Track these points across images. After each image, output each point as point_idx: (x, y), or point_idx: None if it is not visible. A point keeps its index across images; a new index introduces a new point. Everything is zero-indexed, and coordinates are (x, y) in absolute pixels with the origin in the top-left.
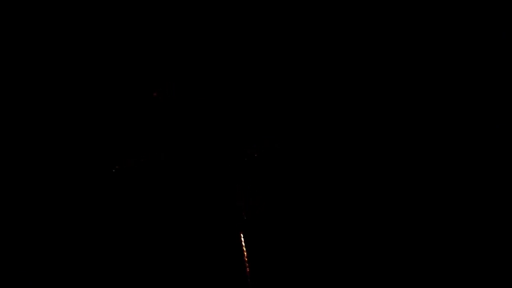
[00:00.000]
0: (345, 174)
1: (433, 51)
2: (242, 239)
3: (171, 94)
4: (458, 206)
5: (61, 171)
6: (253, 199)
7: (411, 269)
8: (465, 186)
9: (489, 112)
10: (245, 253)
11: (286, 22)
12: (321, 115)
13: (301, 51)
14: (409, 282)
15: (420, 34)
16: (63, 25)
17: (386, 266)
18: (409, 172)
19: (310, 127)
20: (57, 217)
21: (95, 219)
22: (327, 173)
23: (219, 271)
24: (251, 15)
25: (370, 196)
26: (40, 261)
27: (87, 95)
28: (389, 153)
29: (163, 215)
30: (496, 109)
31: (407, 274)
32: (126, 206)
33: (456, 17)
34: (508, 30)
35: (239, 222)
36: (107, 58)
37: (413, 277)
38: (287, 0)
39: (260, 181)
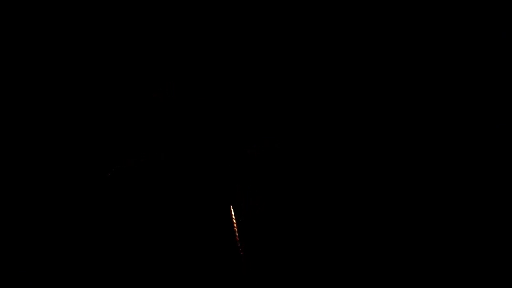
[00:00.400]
0: (345, 174)
1: (433, 51)
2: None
3: (171, 94)
4: (458, 206)
5: (61, 171)
6: (253, 199)
7: (410, 268)
8: (464, 186)
9: (489, 112)
10: (241, 251)
11: (285, 22)
12: (321, 115)
13: (301, 51)
14: (408, 282)
15: (420, 34)
16: (63, 26)
17: (383, 264)
18: (408, 172)
19: (310, 127)
20: (57, 216)
21: (95, 219)
22: (327, 173)
23: (217, 270)
24: (250, 15)
25: (369, 196)
26: (40, 261)
27: (87, 95)
28: (388, 153)
29: (163, 215)
30: (496, 109)
31: (406, 273)
32: (126, 206)
33: (456, 17)
34: (508, 30)
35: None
36: (106, 58)
37: (412, 277)
38: (287, 0)
39: (260, 181)
